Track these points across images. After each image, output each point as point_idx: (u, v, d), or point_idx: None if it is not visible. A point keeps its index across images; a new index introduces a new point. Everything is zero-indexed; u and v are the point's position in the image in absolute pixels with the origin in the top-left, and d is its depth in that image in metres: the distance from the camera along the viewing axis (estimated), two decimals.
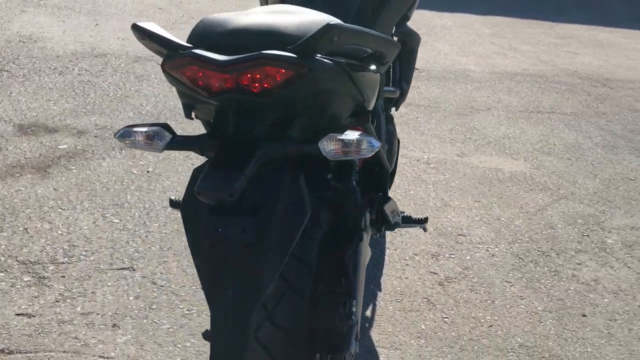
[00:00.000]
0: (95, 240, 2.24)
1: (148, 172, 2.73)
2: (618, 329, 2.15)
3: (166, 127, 1.09)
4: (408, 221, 1.80)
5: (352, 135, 1.03)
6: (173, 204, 1.58)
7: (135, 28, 1.07)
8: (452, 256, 2.44)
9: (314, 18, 1.14)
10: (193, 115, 1.21)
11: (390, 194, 1.97)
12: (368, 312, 2.09)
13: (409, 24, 2.11)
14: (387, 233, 2.51)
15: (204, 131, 1.30)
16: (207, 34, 1.09)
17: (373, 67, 1.24)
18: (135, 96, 3.48)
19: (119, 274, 2.09)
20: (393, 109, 2.28)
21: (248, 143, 1.03)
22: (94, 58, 3.92)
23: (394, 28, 1.99)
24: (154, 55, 4.15)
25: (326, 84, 1.08)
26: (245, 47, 1.02)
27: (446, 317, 2.10)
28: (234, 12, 1.19)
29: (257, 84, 1.01)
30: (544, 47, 6.07)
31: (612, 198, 3.11)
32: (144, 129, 1.07)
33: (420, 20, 5.92)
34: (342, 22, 1.02)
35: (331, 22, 1.00)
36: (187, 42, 1.08)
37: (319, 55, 1.05)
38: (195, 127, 3.20)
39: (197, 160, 2.88)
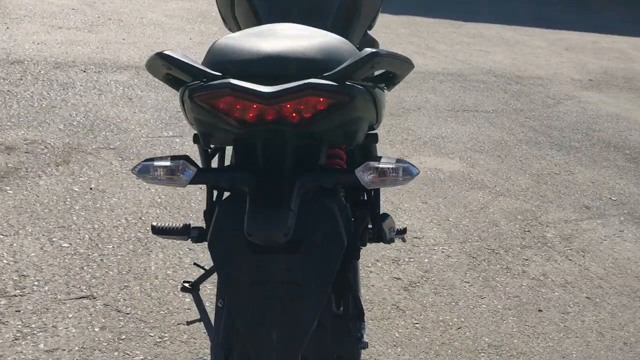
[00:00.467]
0: (46, 267, 2.08)
1: (91, 189, 2.58)
2: (572, 321, 2.27)
3: (187, 159, 1.02)
4: None
5: (389, 162, 1.01)
6: (156, 230, 1.50)
7: (162, 57, 0.99)
8: (412, 260, 2.49)
9: (333, 40, 1.12)
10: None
11: None
12: None
13: None
14: None
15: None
16: (236, 62, 1.03)
17: (382, 84, 1.23)
18: (62, 106, 3.27)
19: (79, 303, 1.96)
20: None
21: (285, 175, 0.99)
22: (10, 65, 3.64)
23: None
24: (75, 60, 3.94)
25: (361, 110, 1.06)
26: (280, 76, 0.98)
27: (417, 323, 2.13)
28: (245, 34, 1.13)
29: (295, 114, 0.97)
30: (457, 46, 6.31)
31: (543, 193, 3.29)
32: (166, 163, 1.00)
33: None
34: (382, 49, 1.01)
35: (375, 50, 0.98)
36: (212, 69, 1.01)
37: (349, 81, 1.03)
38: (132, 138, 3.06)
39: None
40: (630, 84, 5.97)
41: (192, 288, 2.08)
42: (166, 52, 0.99)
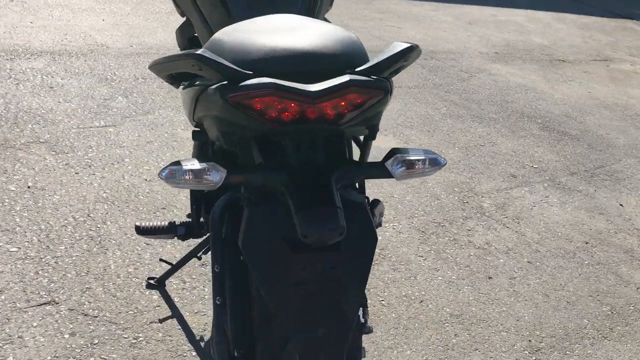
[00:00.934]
0: None
1: (29, 187, 2.42)
2: (519, 286, 2.43)
3: (214, 160, 1.00)
4: None
5: (418, 154, 1.04)
6: (140, 231, 1.46)
7: (195, 57, 0.94)
8: None
9: (343, 32, 1.12)
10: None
11: None
12: None
13: None
14: None
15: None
16: (263, 60, 1.00)
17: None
18: None
19: (41, 310, 1.86)
20: None
21: (322, 173, 0.99)
22: None
23: None
24: None
25: (386, 104, 1.08)
26: (311, 72, 0.97)
27: (382, 300, 2.21)
28: (248, 28, 1.10)
29: (331, 111, 0.97)
30: (371, 22, 6.41)
31: (473, 164, 3.46)
32: (195, 167, 0.97)
33: None
34: (412, 42, 1.03)
35: (410, 45, 1.00)
36: (238, 66, 0.98)
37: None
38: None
39: (79, 167, 2.62)
40: (531, 56, 6.34)
41: (158, 284, 2.03)
42: (199, 52, 0.95)
